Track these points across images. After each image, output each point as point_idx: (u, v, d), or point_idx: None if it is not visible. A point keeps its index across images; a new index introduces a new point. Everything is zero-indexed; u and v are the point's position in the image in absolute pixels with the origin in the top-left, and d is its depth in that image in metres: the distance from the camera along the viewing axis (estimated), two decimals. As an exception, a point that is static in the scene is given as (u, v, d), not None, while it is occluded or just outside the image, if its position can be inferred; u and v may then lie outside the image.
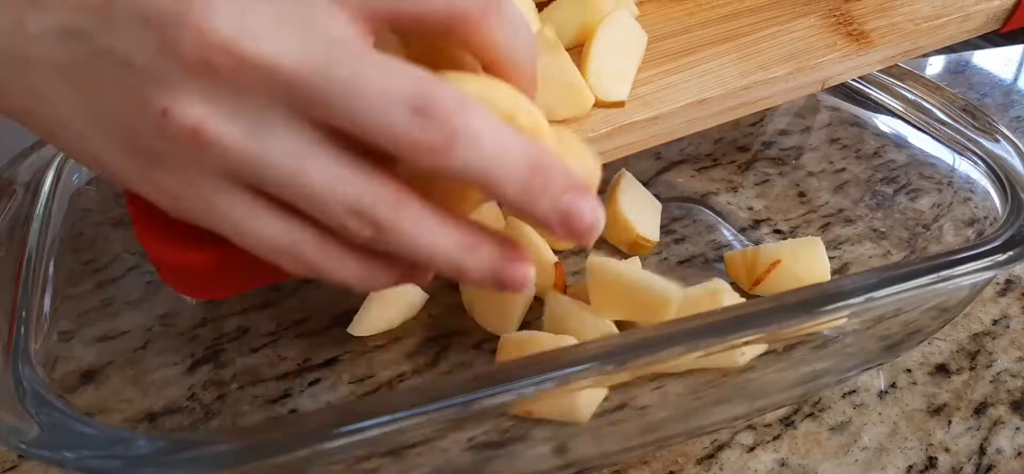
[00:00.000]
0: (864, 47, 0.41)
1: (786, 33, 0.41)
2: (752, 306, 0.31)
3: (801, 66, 0.39)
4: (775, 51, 0.40)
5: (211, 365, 0.42)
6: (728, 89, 0.38)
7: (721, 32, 0.41)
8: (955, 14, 0.43)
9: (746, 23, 0.42)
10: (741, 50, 0.40)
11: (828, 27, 0.41)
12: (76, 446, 0.25)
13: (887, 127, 0.49)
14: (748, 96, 0.39)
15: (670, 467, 0.39)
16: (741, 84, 0.38)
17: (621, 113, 0.36)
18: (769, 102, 0.40)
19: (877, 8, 0.43)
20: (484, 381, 0.27)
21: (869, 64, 0.42)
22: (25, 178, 0.39)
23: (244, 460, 0.25)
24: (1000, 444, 0.40)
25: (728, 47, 0.40)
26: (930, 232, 0.45)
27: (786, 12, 0.42)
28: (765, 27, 0.41)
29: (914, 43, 0.43)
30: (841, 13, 0.42)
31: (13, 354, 0.29)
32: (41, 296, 0.34)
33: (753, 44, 0.40)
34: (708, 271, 0.50)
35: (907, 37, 0.42)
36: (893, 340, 0.37)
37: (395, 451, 0.30)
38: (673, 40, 0.41)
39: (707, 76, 0.39)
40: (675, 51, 0.40)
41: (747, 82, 0.38)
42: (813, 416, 0.41)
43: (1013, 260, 0.34)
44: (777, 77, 0.39)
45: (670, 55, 0.39)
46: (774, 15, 0.42)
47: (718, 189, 0.55)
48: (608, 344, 0.29)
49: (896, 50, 0.42)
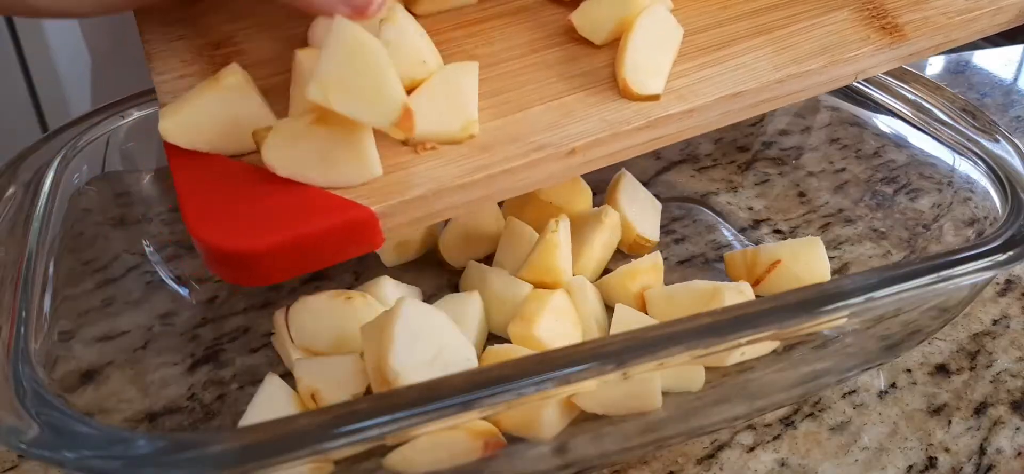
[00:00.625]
0: (897, 40, 0.41)
1: (820, 26, 0.41)
2: (752, 306, 0.31)
3: (835, 59, 0.40)
4: (809, 44, 0.40)
5: (211, 365, 0.42)
6: (762, 82, 0.38)
7: (755, 26, 0.41)
8: (987, 7, 0.42)
9: (780, 17, 0.42)
10: (775, 43, 0.40)
11: (862, 20, 0.41)
12: (76, 446, 0.25)
13: (887, 127, 0.49)
14: (782, 89, 0.39)
15: (670, 467, 0.39)
16: (775, 77, 0.39)
17: (656, 106, 0.37)
18: (804, 95, 0.40)
19: (911, 2, 0.43)
20: (484, 381, 0.27)
21: (901, 57, 0.42)
22: (25, 178, 0.39)
23: (244, 460, 0.25)
24: (1000, 444, 0.40)
25: (763, 40, 0.40)
26: (930, 232, 0.45)
27: (820, 5, 0.42)
28: (799, 20, 0.42)
29: (947, 36, 0.43)
30: (875, 6, 0.42)
31: (13, 354, 0.29)
32: (41, 296, 0.34)
33: (787, 37, 0.41)
34: (708, 271, 0.50)
35: (940, 30, 0.42)
36: (893, 340, 0.37)
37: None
38: (707, 34, 0.41)
39: (741, 69, 0.39)
40: (709, 45, 0.40)
41: (781, 75, 0.39)
42: (813, 416, 0.41)
43: (1013, 260, 0.34)
44: (811, 70, 0.39)
45: (704, 49, 0.39)
46: (808, 8, 0.42)
47: (718, 189, 0.55)
48: (608, 344, 0.29)
49: (929, 43, 0.42)
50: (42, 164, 0.40)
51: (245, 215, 0.31)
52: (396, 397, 0.27)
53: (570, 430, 0.34)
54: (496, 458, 0.33)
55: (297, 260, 0.32)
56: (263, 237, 0.30)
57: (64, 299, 0.37)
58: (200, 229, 0.31)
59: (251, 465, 0.25)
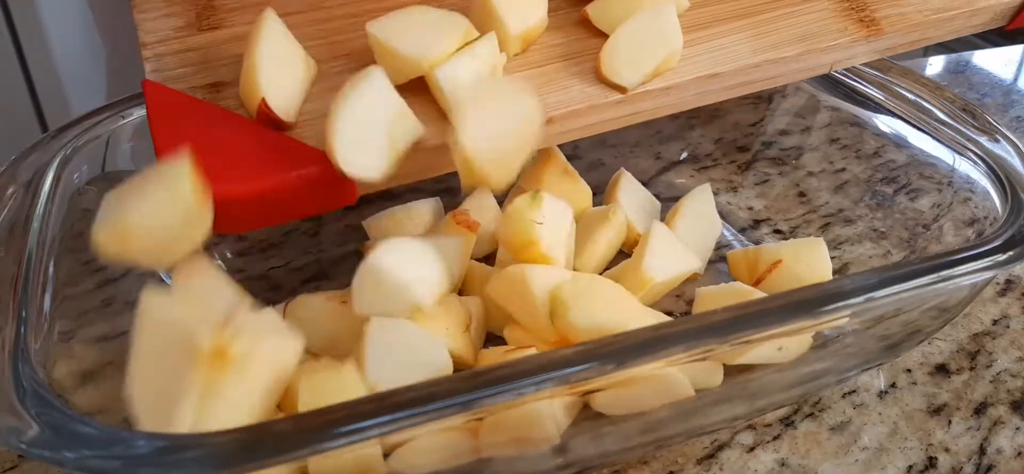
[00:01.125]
0: (874, 34, 0.41)
1: (800, 14, 0.42)
2: (752, 306, 0.31)
3: (812, 48, 0.40)
4: (788, 31, 0.41)
5: (211, 365, 0.42)
6: (739, 65, 0.39)
7: (738, 8, 0.42)
8: (964, 8, 0.43)
9: (762, 1, 0.42)
10: (755, 27, 0.41)
11: (841, 12, 0.42)
12: (76, 446, 0.25)
13: (887, 127, 0.49)
14: (759, 73, 0.40)
15: (670, 467, 0.39)
16: (753, 61, 0.39)
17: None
18: (779, 81, 0.41)
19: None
20: (484, 381, 0.27)
21: (877, 50, 0.43)
22: (25, 178, 0.39)
23: (244, 460, 0.25)
24: (1000, 444, 0.40)
25: (743, 24, 0.41)
26: (930, 232, 0.45)
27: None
28: (781, 7, 0.42)
29: (923, 33, 0.43)
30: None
31: (13, 354, 0.29)
32: (41, 296, 0.34)
33: (767, 22, 0.41)
34: (709, 271, 0.50)
35: (916, 27, 0.43)
36: (893, 340, 0.37)
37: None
38: (689, 14, 0.42)
39: (720, 51, 0.39)
40: (690, 24, 0.41)
41: (758, 59, 0.39)
42: (813, 416, 0.41)
43: (1013, 260, 0.34)
44: (788, 57, 0.40)
45: (685, 28, 0.40)
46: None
47: (718, 189, 0.55)
48: (608, 344, 0.29)
49: (905, 39, 0.43)
50: (42, 164, 0.40)
51: (220, 161, 0.31)
52: (396, 397, 0.27)
53: (570, 430, 0.34)
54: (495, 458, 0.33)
55: (270, 209, 0.32)
56: (239, 184, 0.30)
57: (64, 299, 0.37)
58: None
59: (251, 464, 0.25)
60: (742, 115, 0.58)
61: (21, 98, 1.30)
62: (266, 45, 0.34)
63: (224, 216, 0.31)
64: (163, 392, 0.26)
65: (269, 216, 0.33)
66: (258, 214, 0.32)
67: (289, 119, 0.34)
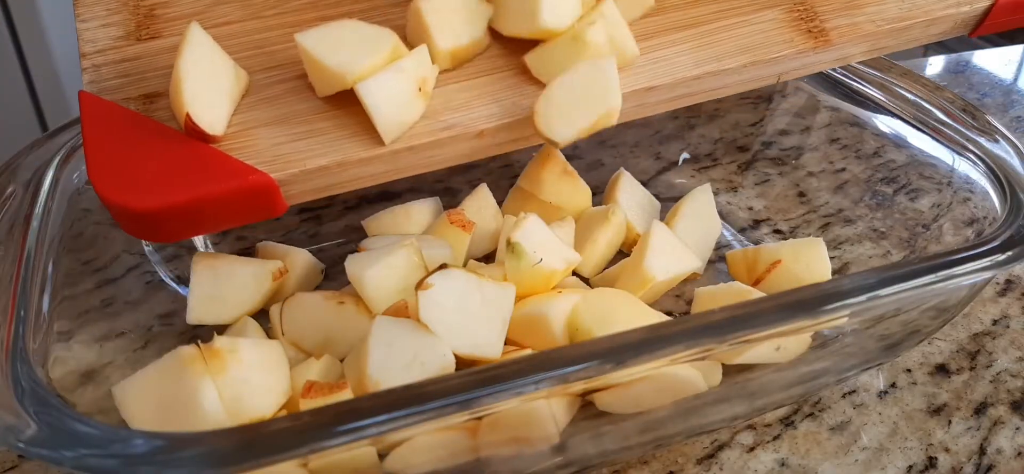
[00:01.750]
0: (821, 45, 0.41)
1: (747, 25, 0.41)
2: (751, 306, 0.31)
3: (756, 59, 0.40)
4: (732, 43, 0.40)
5: (210, 365, 0.42)
6: (677, 77, 0.38)
7: (686, 17, 0.41)
8: (920, 18, 0.42)
9: (712, 10, 0.42)
10: (700, 38, 0.40)
11: (789, 22, 0.41)
12: (75, 445, 0.25)
13: (887, 127, 0.49)
14: (699, 86, 0.39)
15: (670, 467, 0.39)
16: (693, 73, 0.39)
17: None
18: (723, 92, 0.40)
19: (842, 6, 0.43)
20: (484, 380, 0.27)
21: (825, 62, 0.42)
22: (25, 177, 0.39)
23: (244, 459, 0.25)
24: (1000, 444, 0.40)
25: (687, 35, 0.40)
26: (930, 232, 0.45)
27: (751, 2, 0.42)
28: (729, 16, 0.41)
29: (875, 44, 0.43)
30: (805, 8, 0.42)
31: (12, 354, 0.29)
32: (40, 296, 0.34)
33: (712, 33, 0.41)
34: (709, 271, 0.50)
35: (868, 38, 0.42)
36: (893, 340, 0.37)
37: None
38: (636, 24, 0.41)
39: (660, 63, 0.39)
40: (636, 35, 0.40)
41: (699, 72, 0.39)
42: (813, 416, 0.41)
43: (1013, 260, 0.34)
44: (730, 69, 0.39)
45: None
46: (739, 5, 0.42)
47: (718, 189, 0.55)
48: (607, 343, 0.29)
49: (855, 50, 0.42)
50: (42, 164, 0.40)
51: (147, 173, 0.32)
52: (396, 396, 0.27)
53: (569, 429, 0.34)
54: (494, 457, 0.33)
55: (197, 220, 0.32)
56: (162, 197, 0.31)
57: (63, 299, 0.37)
58: (101, 185, 0.31)
59: (249, 463, 0.25)
60: (742, 115, 0.58)
61: (21, 98, 1.30)
62: (191, 59, 0.34)
63: (151, 227, 0.32)
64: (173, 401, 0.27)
65: (198, 226, 0.34)
66: (186, 225, 0.33)
67: (216, 132, 0.34)
